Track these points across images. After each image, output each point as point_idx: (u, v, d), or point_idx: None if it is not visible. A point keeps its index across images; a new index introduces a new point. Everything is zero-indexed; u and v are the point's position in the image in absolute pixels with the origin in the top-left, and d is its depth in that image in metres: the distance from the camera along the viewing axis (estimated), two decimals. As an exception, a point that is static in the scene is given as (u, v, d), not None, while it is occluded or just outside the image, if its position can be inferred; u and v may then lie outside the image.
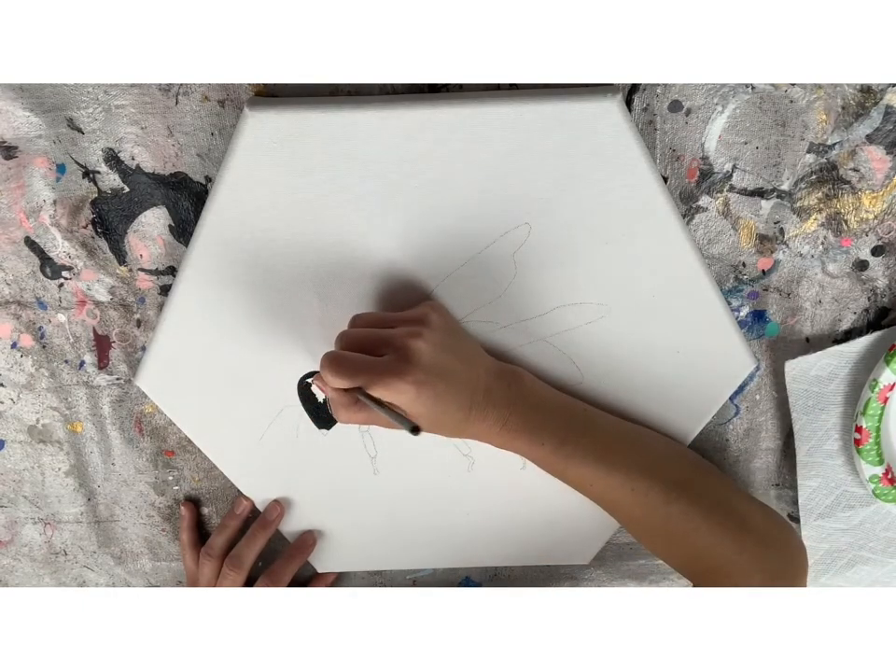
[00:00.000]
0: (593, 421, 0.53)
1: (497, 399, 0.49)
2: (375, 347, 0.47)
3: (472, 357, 0.51)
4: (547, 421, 0.50)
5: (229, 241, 0.51)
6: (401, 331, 0.47)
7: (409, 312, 0.50)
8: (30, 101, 0.50)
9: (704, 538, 0.50)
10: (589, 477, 0.51)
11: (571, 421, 0.51)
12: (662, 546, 0.54)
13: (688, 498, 0.50)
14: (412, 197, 0.50)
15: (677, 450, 0.56)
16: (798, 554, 0.52)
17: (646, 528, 0.53)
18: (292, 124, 0.48)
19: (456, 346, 0.49)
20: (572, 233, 0.51)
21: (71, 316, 0.57)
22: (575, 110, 0.47)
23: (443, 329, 0.49)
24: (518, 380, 0.52)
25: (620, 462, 0.51)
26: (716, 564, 0.50)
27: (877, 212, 0.52)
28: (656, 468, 0.51)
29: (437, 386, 0.46)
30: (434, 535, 0.62)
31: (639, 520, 0.53)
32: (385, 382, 0.45)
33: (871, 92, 0.49)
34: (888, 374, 0.52)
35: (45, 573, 0.65)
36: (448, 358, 0.47)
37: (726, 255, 0.54)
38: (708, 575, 0.51)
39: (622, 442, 0.52)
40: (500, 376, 0.51)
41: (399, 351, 0.46)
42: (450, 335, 0.50)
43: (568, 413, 0.52)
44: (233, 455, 0.59)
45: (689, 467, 0.54)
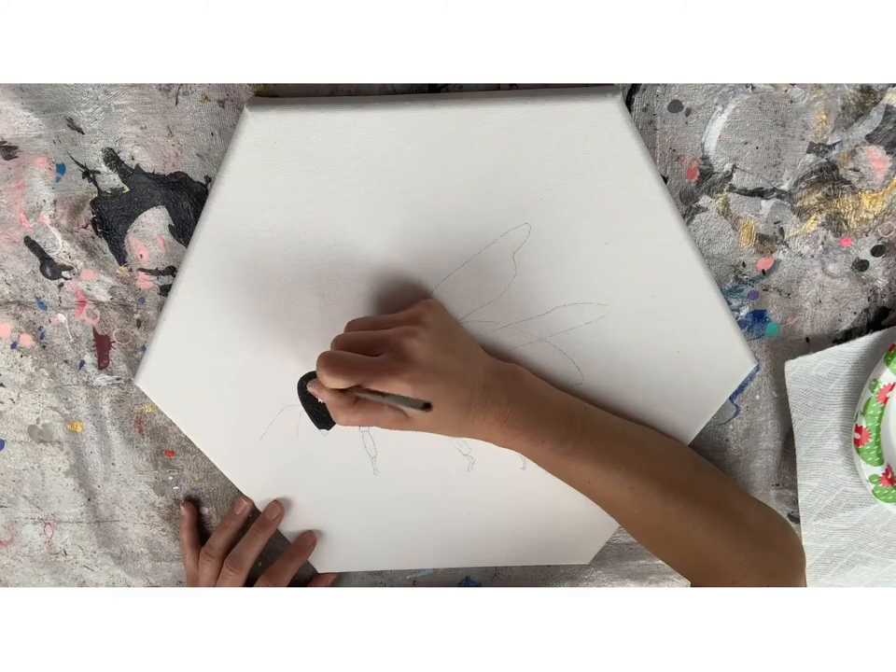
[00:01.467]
0: (593, 419, 0.53)
1: (498, 397, 0.49)
2: (371, 348, 0.47)
3: (471, 355, 0.51)
4: (547, 419, 0.50)
5: (229, 241, 0.51)
6: (397, 331, 0.47)
7: (405, 312, 0.50)
8: (30, 101, 0.50)
9: (701, 537, 0.50)
10: (588, 475, 0.51)
11: (571, 419, 0.51)
12: (660, 545, 0.54)
13: (686, 498, 0.50)
14: (412, 197, 0.50)
15: (676, 449, 0.56)
16: (796, 554, 0.52)
17: (644, 527, 0.53)
18: (292, 124, 0.48)
19: (454, 345, 0.49)
20: (572, 233, 0.51)
21: (71, 316, 0.56)
22: (575, 110, 0.47)
23: (440, 328, 0.49)
24: (518, 378, 0.52)
25: (619, 461, 0.51)
26: (713, 563, 0.50)
27: (877, 212, 0.52)
28: (655, 467, 0.51)
29: (435, 384, 0.46)
30: (434, 535, 0.62)
31: (637, 519, 0.53)
32: (381, 380, 0.45)
33: (871, 92, 0.49)
34: (888, 374, 0.52)
35: (45, 573, 0.65)
36: (445, 356, 0.47)
37: (726, 255, 0.54)
38: (706, 574, 0.51)
39: (621, 441, 0.52)
40: (500, 374, 0.51)
41: (395, 350, 0.46)
42: (447, 333, 0.50)
43: (568, 411, 0.52)
44: (233, 455, 0.59)
45: (688, 466, 0.54)
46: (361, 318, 0.51)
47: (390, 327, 0.48)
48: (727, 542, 0.50)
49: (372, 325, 0.49)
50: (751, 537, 0.50)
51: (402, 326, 0.48)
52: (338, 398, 0.46)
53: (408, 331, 0.47)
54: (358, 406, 0.47)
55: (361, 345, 0.47)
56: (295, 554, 0.61)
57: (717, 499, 0.51)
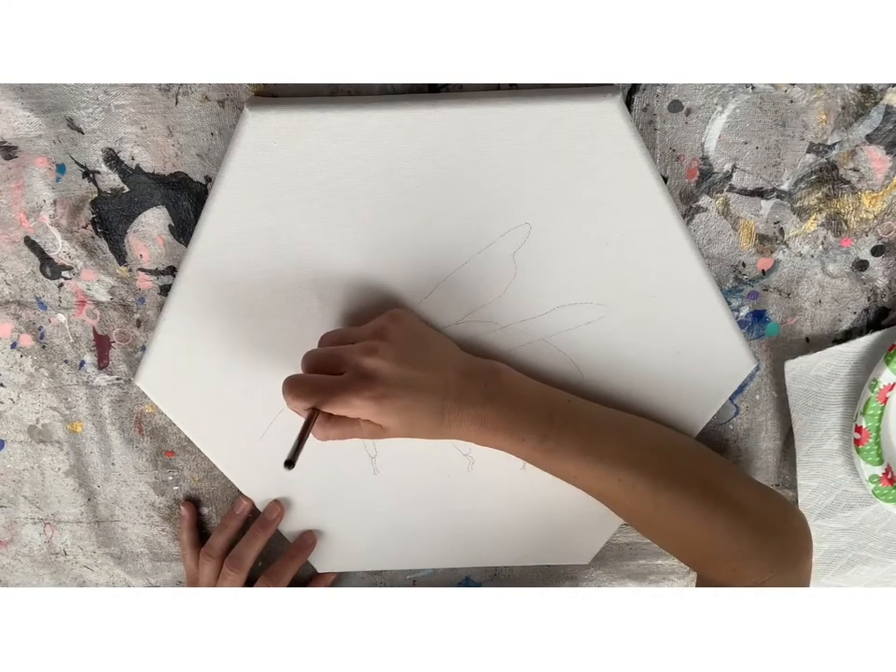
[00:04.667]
0: (577, 412, 0.52)
1: (472, 399, 0.49)
2: (335, 366, 0.47)
3: (439, 362, 0.50)
4: (527, 417, 0.50)
5: (229, 241, 0.51)
6: (357, 347, 0.48)
7: (369, 325, 0.50)
8: (30, 101, 0.50)
9: (696, 526, 0.50)
10: (573, 470, 0.51)
11: (553, 414, 0.51)
12: (657, 535, 0.54)
13: (676, 487, 0.50)
14: (411, 197, 0.50)
15: (667, 437, 0.55)
16: (799, 537, 0.52)
17: (638, 518, 0.53)
18: (292, 124, 0.48)
19: (418, 354, 0.49)
20: (572, 234, 0.51)
21: (71, 316, 0.56)
22: (575, 110, 0.47)
23: (402, 341, 0.49)
24: (495, 377, 0.51)
25: (604, 454, 0.50)
26: (712, 551, 0.50)
27: (877, 212, 0.52)
28: (642, 458, 0.51)
29: (400, 398, 0.46)
30: (434, 535, 0.62)
31: (630, 510, 0.52)
32: (343, 400, 0.45)
33: (871, 92, 0.49)
34: (888, 374, 0.52)
35: (45, 573, 0.65)
36: (407, 370, 0.48)
37: (726, 255, 0.54)
38: (707, 563, 0.51)
39: (607, 433, 0.52)
40: (474, 376, 0.50)
41: (355, 369, 0.47)
42: (411, 343, 0.50)
43: (550, 406, 0.51)
44: (233, 455, 0.59)
45: (678, 454, 0.53)
46: (332, 332, 0.51)
47: (356, 340, 0.49)
48: (724, 530, 0.49)
49: (340, 339, 0.50)
50: (750, 524, 0.50)
51: (364, 341, 0.48)
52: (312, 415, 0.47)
53: (368, 347, 0.47)
54: (334, 421, 0.47)
55: (327, 364, 0.48)
56: (295, 554, 0.61)
57: (711, 487, 0.51)
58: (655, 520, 0.51)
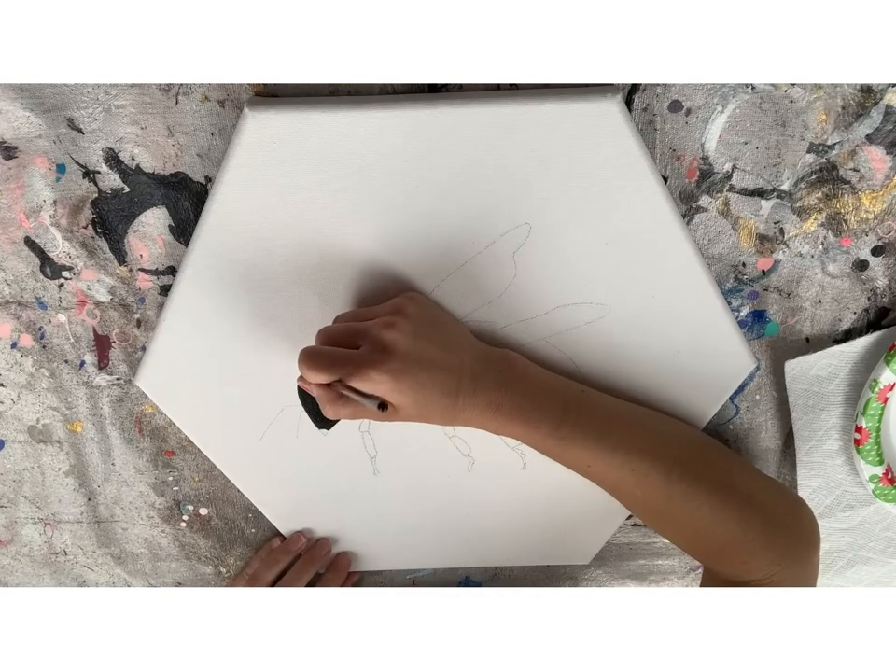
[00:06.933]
0: (590, 402, 0.52)
1: (487, 384, 0.49)
2: (353, 340, 0.47)
3: (456, 344, 0.50)
4: (542, 404, 0.50)
5: (229, 241, 0.51)
6: (376, 322, 0.47)
7: (386, 304, 0.50)
8: (30, 101, 0.50)
9: (707, 517, 0.50)
10: (587, 458, 0.51)
11: (567, 403, 0.51)
12: (666, 527, 0.54)
13: (689, 478, 0.50)
14: (412, 197, 0.50)
15: (679, 429, 0.55)
16: (807, 532, 0.52)
17: (649, 509, 0.53)
18: (292, 124, 0.48)
19: (436, 334, 0.49)
20: (572, 234, 0.51)
21: (71, 316, 0.56)
22: (575, 110, 0.47)
23: (420, 319, 0.49)
24: (510, 364, 0.51)
25: (618, 443, 0.50)
26: (721, 543, 0.50)
27: (877, 212, 0.52)
28: (656, 448, 0.51)
29: (416, 374, 0.46)
30: (434, 535, 0.62)
31: (642, 501, 0.52)
32: (361, 372, 0.45)
33: (871, 92, 0.49)
34: (888, 374, 0.52)
35: (45, 573, 0.65)
36: (427, 345, 0.47)
37: (726, 255, 0.54)
38: (715, 555, 0.51)
39: (620, 423, 0.52)
40: (489, 361, 0.50)
41: (374, 342, 0.46)
42: (428, 324, 0.49)
43: (564, 394, 0.51)
44: (233, 454, 0.59)
45: (691, 446, 0.53)
46: (347, 312, 0.51)
47: (373, 318, 0.48)
48: (735, 522, 0.49)
49: (356, 318, 0.50)
50: (760, 516, 0.50)
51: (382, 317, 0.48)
52: (325, 391, 0.47)
53: (387, 322, 0.47)
54: (346, 399, 0.47)
55: (343, 338, 0.47)
56: (308, 563, 0.62)
57: (723, 479, 0.51)
58: (666, 511, 0.51)
